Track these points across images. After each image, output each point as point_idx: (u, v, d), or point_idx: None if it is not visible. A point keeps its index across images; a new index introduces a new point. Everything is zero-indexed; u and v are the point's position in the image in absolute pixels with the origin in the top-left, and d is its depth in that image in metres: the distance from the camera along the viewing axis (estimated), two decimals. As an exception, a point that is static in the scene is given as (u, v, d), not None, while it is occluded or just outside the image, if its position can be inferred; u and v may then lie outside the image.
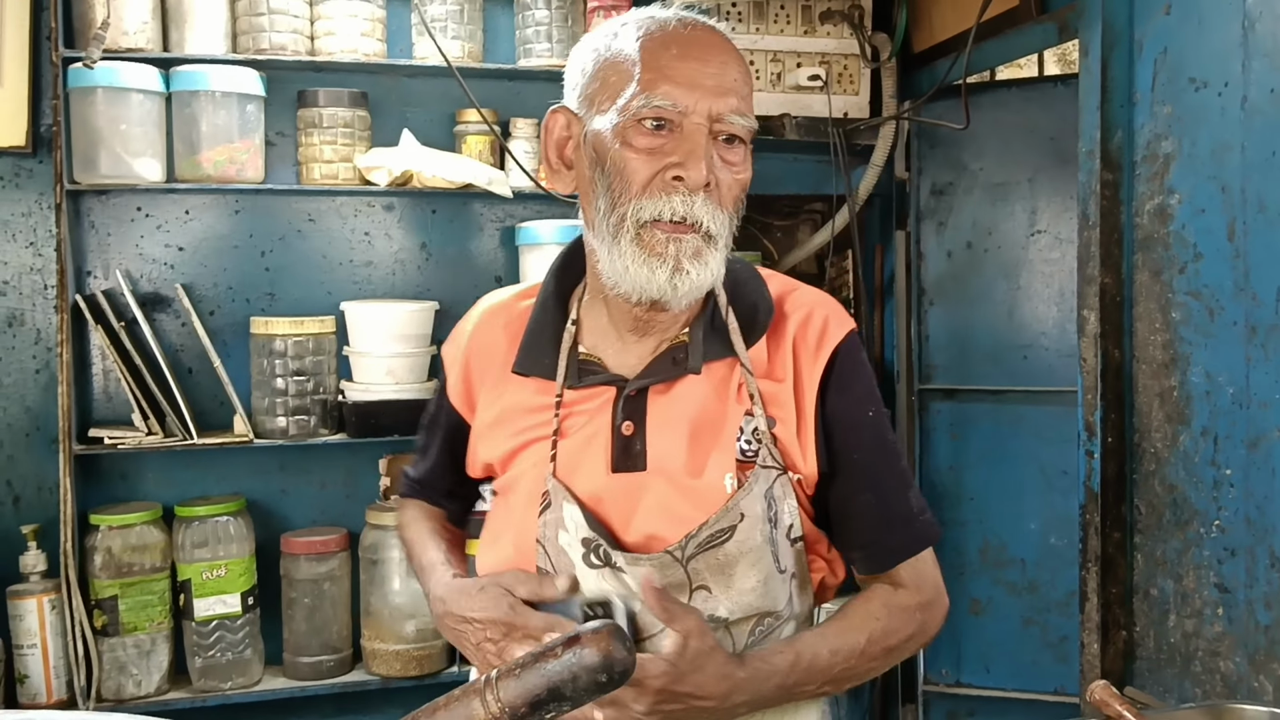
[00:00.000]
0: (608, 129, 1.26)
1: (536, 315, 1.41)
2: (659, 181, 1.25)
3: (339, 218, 3.02)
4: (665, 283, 1.25)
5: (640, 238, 1.25)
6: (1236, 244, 1.97)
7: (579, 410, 1.36)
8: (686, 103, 1.24)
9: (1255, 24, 1.93)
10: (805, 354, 1.36)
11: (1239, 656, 1.95)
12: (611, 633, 0.79)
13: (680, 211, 1.24)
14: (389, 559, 2.86)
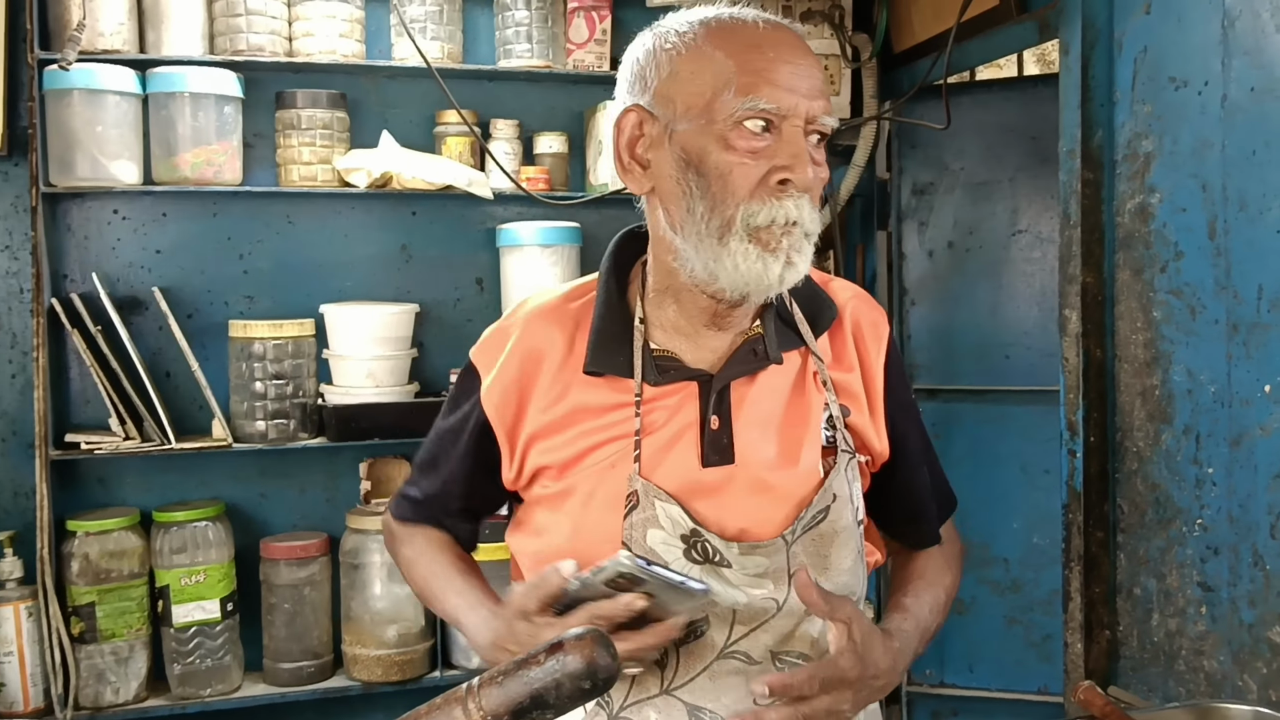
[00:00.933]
0: (702, 131, 1.25)
1: (602, 314, 1.37)
2: (765, 186, 1.25)
3: (318, 220, 3.00)
4: (777, 278, 1.26)
5: (753, 238, 1.25)
6: (1217, 242, 1.97)
7: (659, 407, 1.34)
8: (788, 105, 1.23)
9: (1235, 22, 1.93)
10: (867, 344, 1.44)
11: (1223, 655, 1.95)
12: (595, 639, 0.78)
13: (792, 216, 1.25)
14: (370, 564, 2.84)
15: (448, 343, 3.09)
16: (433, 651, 2.90)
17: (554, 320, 1.40)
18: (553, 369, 1.37)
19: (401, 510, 1.55)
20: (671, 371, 1.35)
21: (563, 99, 3.14)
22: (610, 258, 1.42)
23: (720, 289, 1.29)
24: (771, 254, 1.25)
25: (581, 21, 2.99)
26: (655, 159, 1.30)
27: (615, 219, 3.20)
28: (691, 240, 1.28)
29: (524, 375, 1.38)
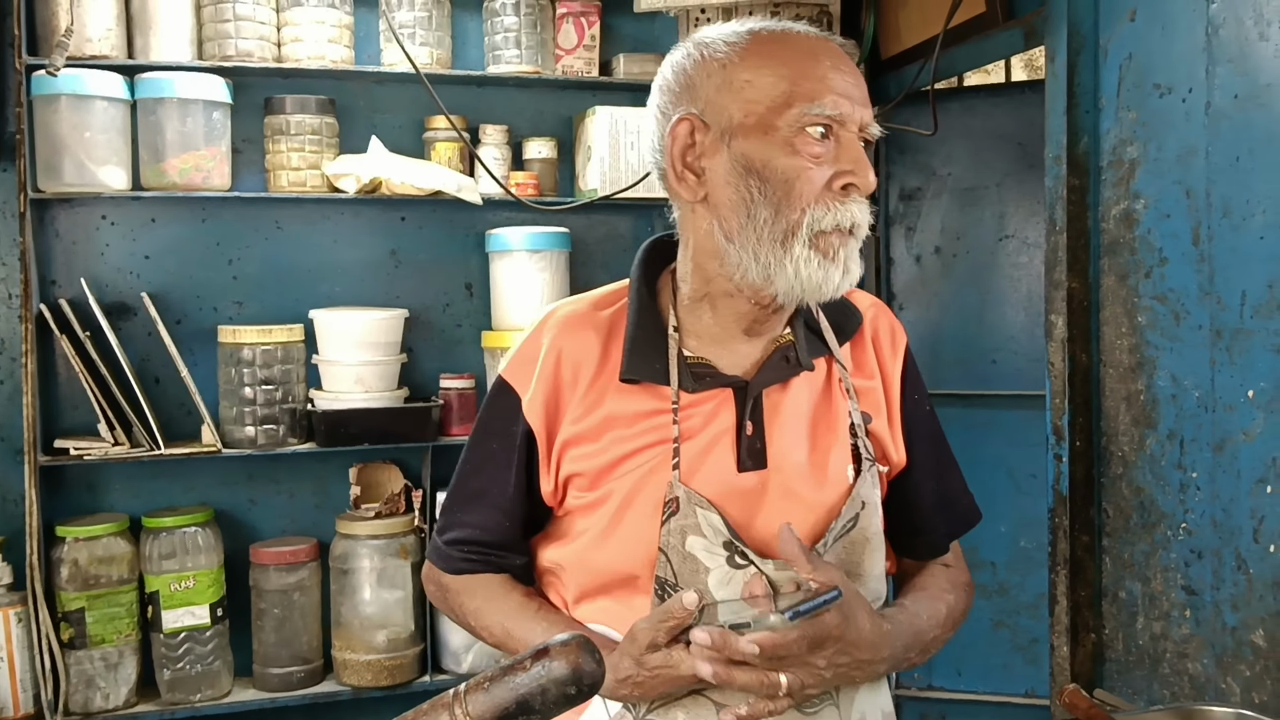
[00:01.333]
0: (765, 137, 1.27)
1: (636, 321, 1.38)
2: (829, 190, 1.27)
3: (307, 225, 3.00)
4: (836, 285, 1.29)
5: (815, 243, 1.27)
6: (1201, 248, 1.99)
7: (695, 413, 1.35)
8: (846, 111, 1.27)
9: (1219, 30, 1.95)
10: (886, 353, 1.47)
11: (1206, 658, 1.97)
12: (580, 645, 0.79)
13: (857, 219, 1.28)
14: (359, 569, 2.84)
15: (437, 348, 3.09)
16: (422, 656, 2.90)
17: (586, 328, 1.40)
18: (588, 376, 1.38)
19: (451, 562, 1.47)
20: (707, 378, 1.36)
21: (551, 104, 3.15)
22: (640, 266, 1.43)
23: (772, 294, 1.30)
24: (832, 262, 1.27)
25: (570, 27, 3.00)
26: (710, 167, 1.31)
27: (604, 224, 3.22)
28: (750, 246, 1.29)
29: (559, 383, 1.38)
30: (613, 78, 3.04)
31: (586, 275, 3.18)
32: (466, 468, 1.47)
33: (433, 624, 2.91)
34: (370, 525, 2.85)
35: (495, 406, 1.43)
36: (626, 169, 2.92)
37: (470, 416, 2.97)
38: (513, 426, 1.40)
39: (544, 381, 1.38)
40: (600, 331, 1.40)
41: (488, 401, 1.45)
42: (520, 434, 1.39)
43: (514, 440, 1.40)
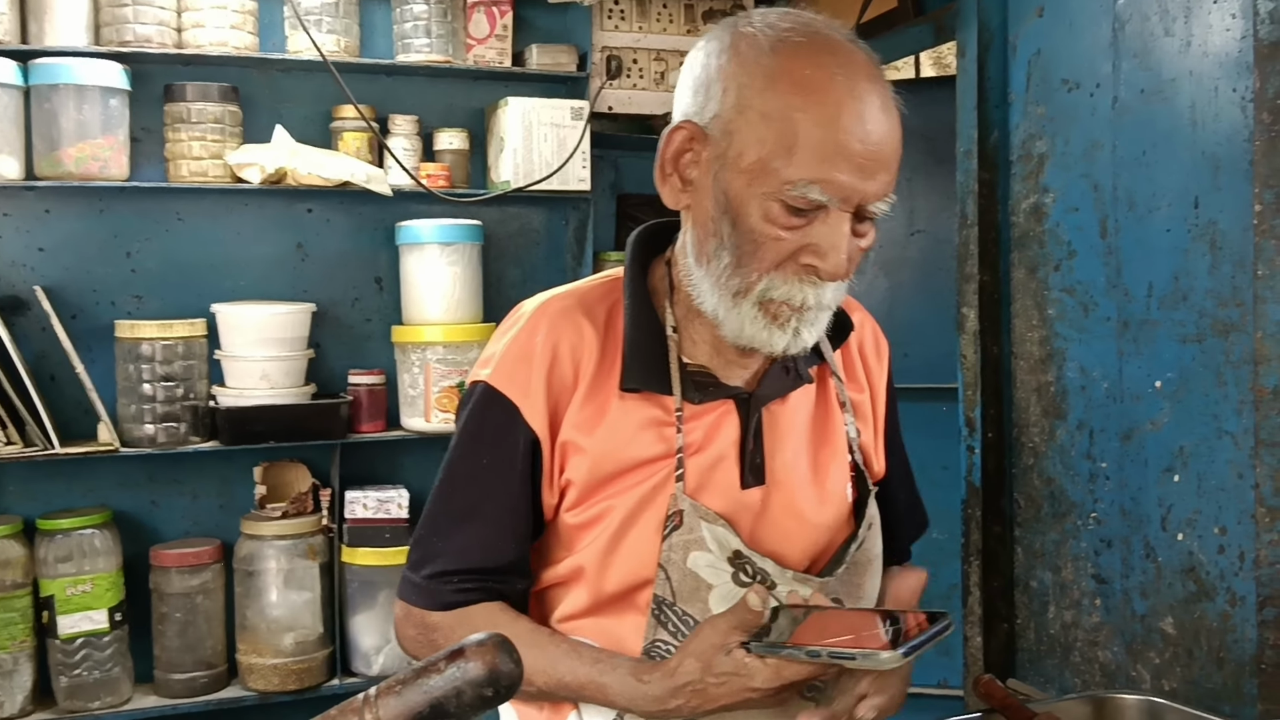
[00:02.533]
0: (749, 187, 1.17)
1: (633, 323, 1.29)
2: (793, 263, 1.18)
3: (209, 217, 2.91)
4: (781, 348, 1.23)
5: (764, 306, 1.20)
6: (1109, 241, 2.02)
7: (698, 425, 1.29)
8: (843, 193, 1.15)
9: (1125, 26, 1.98)
10: (873, 363, 1.45)
11: (1116, 646, 2.00)
12: (497, 644, 0.75)
13: (810, 301, 1.20)
14: (265, 570, 2.76)
15: (345, 343, 3.03)
16: (331, 659, 2.84)
17: (582, 324, 1.30)
18: (588, 377, 1.28)
19: (438, 596, 1.29)
20: (710, 389, 1.30)
21: (463, 95, 3.10)
22: (633, 262, 1.34)
23: (732, 340, 1.25)
24: (779, 327, 1.21)
25: (482, 17, 2.95)
26: (698, 182, 1.23)
27: (517, 217, 3.18)
28: (709, 283, 1.23)
29: (559, 382, 1.28)
30: (525, 68, 3.00)
31: (499, 269, 3.14)
32: (447, 488, 1.32)
33: (342, 626, 2.85)
34: (276, 525, 2.78)
35: (485, 417, 1.29)
36: (540, 161, 2.88)
37: (381, 413, 2.91)
38: (510, 436, 1.28)
39: (543, 382, 1.27)
40: (597, 328, 1.30)
41: (474, 412, 1.31)
42: (523, 443, 1.27)
43: (514, 450, 1.28)
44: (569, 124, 2.90)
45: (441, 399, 2.83)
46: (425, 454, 3.07)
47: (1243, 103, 1.76)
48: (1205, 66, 1.83)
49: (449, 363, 2.83)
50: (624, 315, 1.30)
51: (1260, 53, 1.70)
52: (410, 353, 2.87)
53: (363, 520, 2.80)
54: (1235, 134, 1.77)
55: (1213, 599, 1.80)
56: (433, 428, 2.85)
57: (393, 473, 3.02)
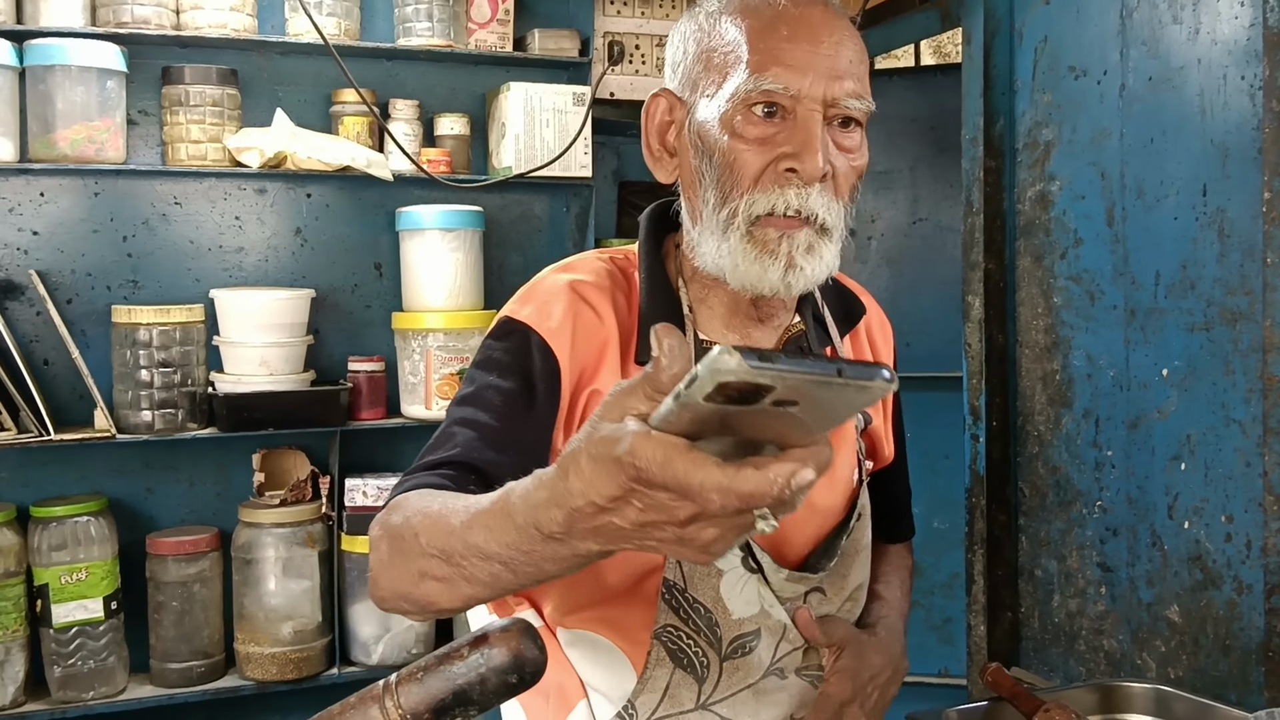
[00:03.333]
0: (714, 117, 1.18)
1: (650, 297, 1.27)
2: (771, 173, 1.17)
3: (207, 201, 2.88)
4: (778, 280, 1.18)
5: (751, 235, 1.17)
6: (1115, 229, 2.01)
7: None
8: (799, 86, 1.15)
9: (1133, 13, 1.96)
10: (881, 348, 1.45)
11: (1122, 634, 1.99)
12: (522, 630, 0.74)
13: (795, 205, 1.16)
14: (263, 559, 2.75)
15: (345, 329, 3.01)
16: (330, 648, 2.82)
17: (594, 298, 1.25)
18: (595, 352, 1.24)
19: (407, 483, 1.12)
20: None
21: (464, 80, 3.08)
22: (649, 237, 1.32)
23: (736, 288, 1.22)
24: (769, 256, 1.17)
25: (484, 1, 2.93)
26: (680, 146, 1.25)
27: (518, 203, 3.16)
28: (704, 231, 1.22)
29: (586, 341, 1.23)
30: (527, 53, 2.98)
31: (500, 255, 3.12)
32: (454, 414, 1.20)
33: (341, 615, 2.83)
34: (275, 513, 2.76)
35: (506, 346, 1.22)
36: (542, 147, 2.86)
37: (381, 400, 2.89)
38: (527, 361, 1.20)
39: (572, 328, 1.22)
40: (616, 301, 1.26)
41: (491, 343, 1.23)
42: (549, 371, 1.19)
43: (532, 377, 1.19)
44: (571, 110, 2.88)
45: (442, 386, 2.81)
46: (425, 442, 3.04)
47: (1252, 90, 1.75)
48: (1214, 54, 1.82)
49: (450, 350, 2.82)
50: (640, 289, 1.28)
51: (1270, 40, 1.69)
52: (411, 339, 2.85)
53: (362, 508, 2.79)
54: (1244, 122, 1.76)
55: (1219, 587, 1.79)
56: (433, 415, 2.83)
57: (393, 460, 3.00)
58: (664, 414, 0.68)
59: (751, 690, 1.28)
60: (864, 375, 0.65)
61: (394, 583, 1.01)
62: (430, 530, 0.94)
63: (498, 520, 0.84)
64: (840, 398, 0.67)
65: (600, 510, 0.73)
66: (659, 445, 0.67)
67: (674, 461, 0.67)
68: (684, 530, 0.72)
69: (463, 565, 0.90)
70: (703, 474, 0.67)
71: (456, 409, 1.20)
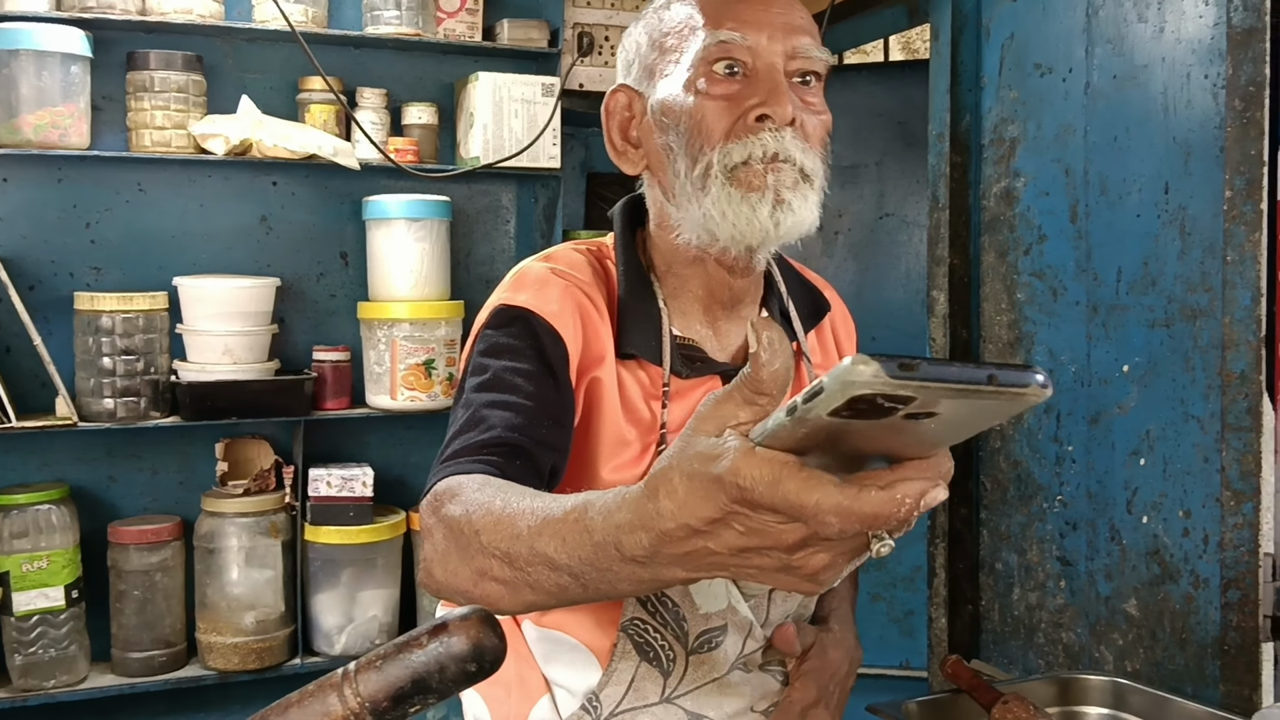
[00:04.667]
0: (677, 87, 1.19)
1: (629, 291, 1.26)
2: (742, 125, 1.16)
3: (171, 188, 2.86)
4: (767, 218, 1.15)
5: (734, 176, 1.16)
6: (1079, 225, 2.03)
7: (685, 400, 1.26)
8: (757, 39, 1.16)
9: (1098, 11, 1.98)
10: (845, 344, 1.44)
11: (1080, 627, 2.02)
12: (481, 619, 0.74)
13: (772, 147, 1.15)
14: (226, 548, 2.73)
15: (310, 318, 2.99)
16: (293, 638, 2.81)
17: (580, 289, 1.24)
18: (609, 342, 1.24)
19: (453, 466, 1.06)
20: (698, 364, 1.27)
21: (432, 69, 3.07)
22: (624, 229, 1.31)
23: (723, 248, 1.20)
24: (756, 193, 1.15)
25: (452, -10, 2.91)
26: (644, 135, 1.25)
27: (486, 194, 3.15)
28: (682, 203, 1.21)
29: (585, 334, 1.22)
30: (496, 43, 2.97)
31: (468, 245, 3.12)
32: (477, 400, 1.15)
33: (304, 605, 2.82)
34: (238, 503, 2.74)
35: (512, 332, 1.18)
36: (510, 137, 2.86)
37: (346, 390, 2.88)
38: (538, 344, 1.17)
39: (571, 309, 1.21)
40: (601, 288, 1.26)
41: (491, 332, 1.19)
42: (560, 354, 1.18)
43: (547, 358, 1.17)
44: (540, 100, 2.87)
45: (408, 376, 2.80)
46: (390, 432, 3.05)
47: (1214, 89, 1.77)
48: (1178, 53, 1.83)
49: (416, 340, 2.81)
50: (618, 282, 1.28)
51: (1233, 39, 1.71)
52: (376, 329, 2.84)
53: (326, 498, 2.78)
54: (1207, 120, 1.78)
55: (1176, 581, 1.81)
56: (398, 405, 2.82)
57: (357, 450, 2.99)
58: (772, 429, 0.63)
59: (716, 684, 1.28)
60: (1017, 382, 0.59)
61: (450, 577, 0.96)
62: (494, 530, 0.89)
63: (573, 533, 0.80)
64: (985, 407, 0.60)
65: (694, 534, 0.68)
66: (767, 463, 0.62)
67: (785, 482, 0.62)
68: (791, 556, 0.66)
69: (527, 572, 0.85)
70: (819, 495, 0.61)
71: (478, 395, 1.14)
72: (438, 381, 2.83)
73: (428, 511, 1.01)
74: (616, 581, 0.78)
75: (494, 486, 0.97)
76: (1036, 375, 0.59)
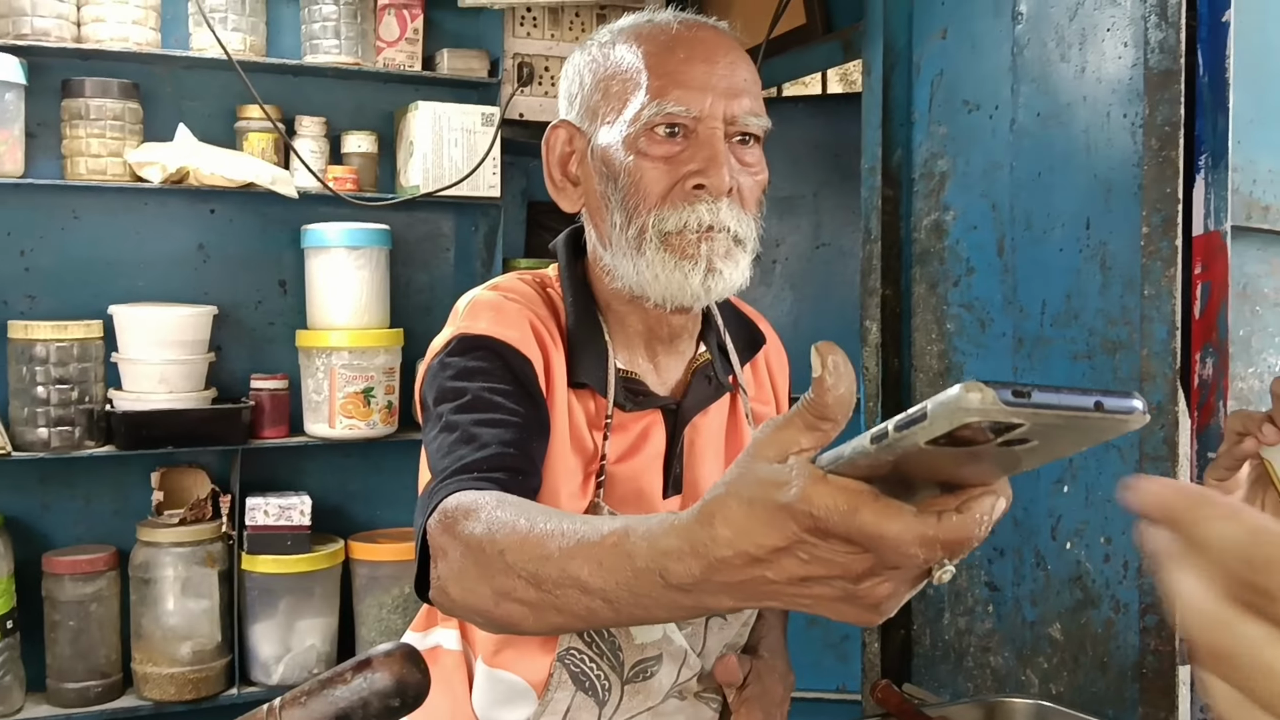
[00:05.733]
0: (617, 140, 1.20)
1: (577, 321, 1.27)
2: (679, 191, 1.18)
3: (107, 215, 2.84)
4: (699, 285, 1.18)
5: (668, 242, 1.18)
6: (1005, 259, 2.08)
7: (627, 433, 1.27)
8: (700, 107, 1.17)
9: (1024, 50, 2.04)
10: (778, 376, 1.47)
11: (1007, 651, 2.06)
12: (405, 655, 0.76)
13: (707, 220, 1.17)
14: (162, 578, 2.71)
15: (248, 346, 2.98)
16: (230, 668, 2.79)
17: (532, 317, 1.25)
18: (563, 370, 1.25)
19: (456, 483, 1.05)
20: (641, 398, 1.28)
21: (372, 97, 3.08)
22: (569, 260, 1.32)
23: (655, 303, 1.22)
24: (689, 260, 1.18)
25: (392, 19, 2.93)
26: (584, 175, 1.26)
27: (425, 222, 3.16)
28: (617, 253, 1.22)
29: (544, 361, 1.22)
30: (436, 73, 2.99)
31: (407, 274, 3.12)
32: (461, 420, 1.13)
33: (241, 635, 2.80)
34: (174, 532, 2.72)
35: (479, 355, 1.18)
36: (450, 166, 2.87)
37: (284, 419, 2.87)
38: (509, 367, 1.18)
39: (531, 336, 1.22)
40: (551, 318, 1.27)
41: (456, 360, 1.18)
42: (530, 377, 1.19)
43: (521, 380, 1.18)
44: (480, 130, 2.89)
45: (346, 405, 2.80)
46: (329, 460, 3.04)
47: (1133, 128, 1.83)
48: (1099, 92, 1.90)
49: (354, 368, 2.81)
50: (566, 312, 1.29)
51: (1150, 81, 1.77)
52: (315, 357, 2.83)
53: (263, 527, 2.76)
54: (1126, 159, 1.84)
55: (1098, 606, 1.86)
56: (337, 434, 2.81)
57: (295, 479, 2.98)
58: (851, 456, 0.61)
59: (651, 713, 1.30)
60: (1123, 408, 0.57)
61: (468, 596, 0.95)
62: (520, 550, 0.87)
63: (611, 558, 0.77)
64: (1085, 432, 0.58)
65: (753, 562, 0.66)
66: (841, 492, 0.61)
67: (862, 511, 0.60)
68: (856, 586, 0.65)
69: (556, 594, 0.83)
70: (900, 525, 0.60)
71: (461, 416, 1.12)
72: (376, 410, 2.83)
73: (439, 529, 0.99)
74: (654, 608, 0.77)
75: (514, 505, 0.95)
76: (1137, 402, 0.58)
